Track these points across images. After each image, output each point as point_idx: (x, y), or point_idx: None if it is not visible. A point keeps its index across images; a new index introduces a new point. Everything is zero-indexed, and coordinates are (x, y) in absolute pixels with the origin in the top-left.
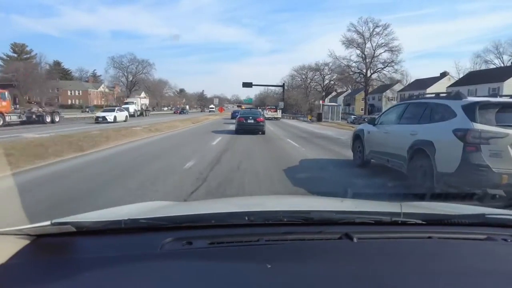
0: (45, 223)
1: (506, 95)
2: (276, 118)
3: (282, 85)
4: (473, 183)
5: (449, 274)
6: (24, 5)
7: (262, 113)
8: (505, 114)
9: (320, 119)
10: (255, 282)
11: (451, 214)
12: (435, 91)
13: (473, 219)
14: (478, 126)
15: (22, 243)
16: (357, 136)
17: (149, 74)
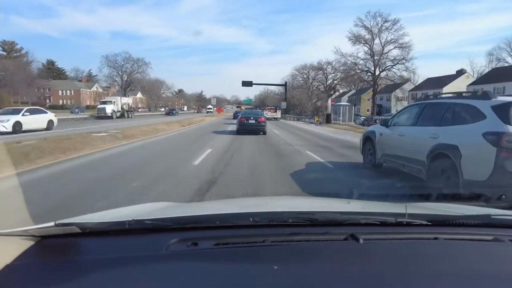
0: (49, 224)
1: None
2: (276, 118)
3: (284, 84)
4: (509, 192)
5: (457, 275)
6: (23, 6)
7: (263, 113)
8: None
9: (329, 120)
10: (262, 283)
11: (456, 215)
12: (452, 90)
13: (479, 220)
14: None
15: (27, 244)
16: (368, 138)
17: (144, 73)
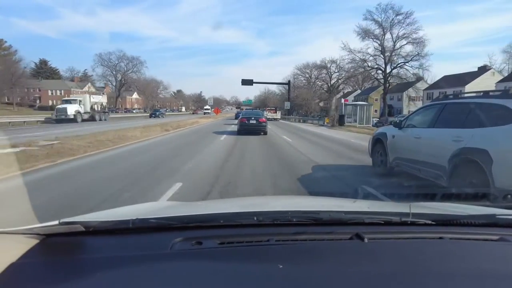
0: (54, 222)
1: None
2: (276, 119)
3: (288, 83)
4: None
5: (463, 275)
6: (23, 7)
7: (263, 114)
8: None
9: (341, 122)
10: (266, 282)
11: (461, 215)
12: (475, 88)
13: (484, 219)
14: None
15: (32, 242)
16: (378, 141)
17: (140, 72)
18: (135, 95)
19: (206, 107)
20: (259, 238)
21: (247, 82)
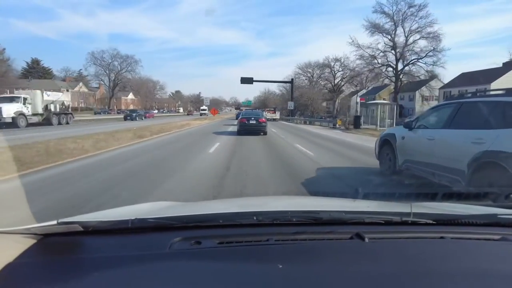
0: (52, 222)
1: None
2: (275, 119)
3: (291, 81)
4: None
5: (464, 274)
6: (22, 8)
7: (265, 114)
8: None
9: (357, 124)
10: (266, 282)
11: (462, 214)
12: (501, 86)
13: (485, 219)
14: None
15: (29, 242)
16: (386, 142)
17: (134, 72)
18: (131, 96)
19: (203, 107)
20: (259, 238)
21: (247, 81)
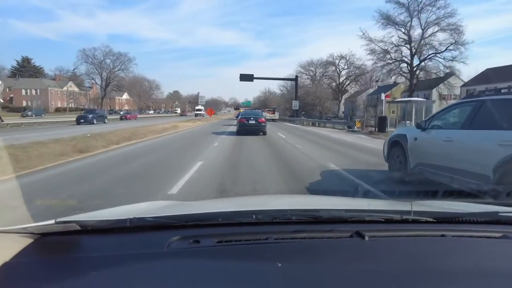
0: (49, 221)
1: None
2: (274, 120)
3: (295, 78)
4: None
5: (466, 272)
6: (22, 9)
7: (264, 114)
8: None
9: (382, 127)
10: (265, 281)
11: (463, 212)
12: None
13: (486, 217)
14: None
15: (26, 241)
16: (396, 143)
17: (128, 70)
18: (126, 96)
19: (198, 107)
20: (258, 236)
21: (247, 78)
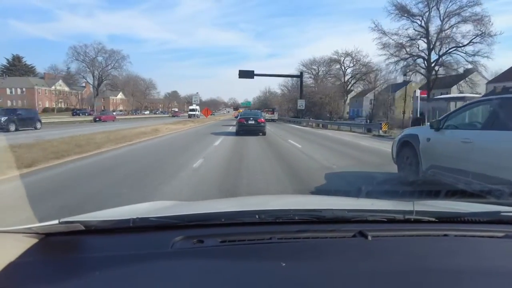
0: (53, 222)
1: None
2: (273, 120)
3: (300, 75)
4: None
5: (469, 272)
6: (21, 10)
7: (263, 114)
8: None
9: None
10: (270, 280)
11: (465, 212)
12: None
13: (488, 216)
14: None
15: (31, 241)
16: (406, 144)
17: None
18: (121, 96)
19: (192, 107)
20: (261, 236)
21: (247, 74)
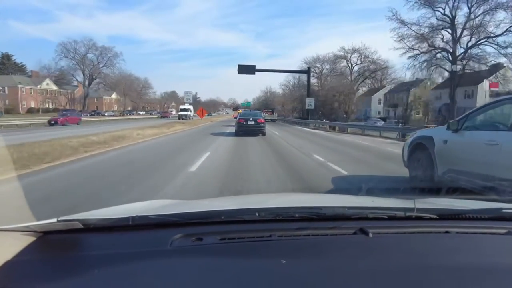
0: (52, 220)
1: None
2: (273, 120)
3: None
4: None
5: (471, 269)
6: (21, 10)
7: (263, 114)
8: None
9: None
10: (270, 278)
11: (467, 209)
12: None
13: (490, 213)
14: None
15: (29, 239)
16: (419, 146)
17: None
18: (115, 95)
19: (183, 106)
20: (261, 233)
21: (247, 70)
